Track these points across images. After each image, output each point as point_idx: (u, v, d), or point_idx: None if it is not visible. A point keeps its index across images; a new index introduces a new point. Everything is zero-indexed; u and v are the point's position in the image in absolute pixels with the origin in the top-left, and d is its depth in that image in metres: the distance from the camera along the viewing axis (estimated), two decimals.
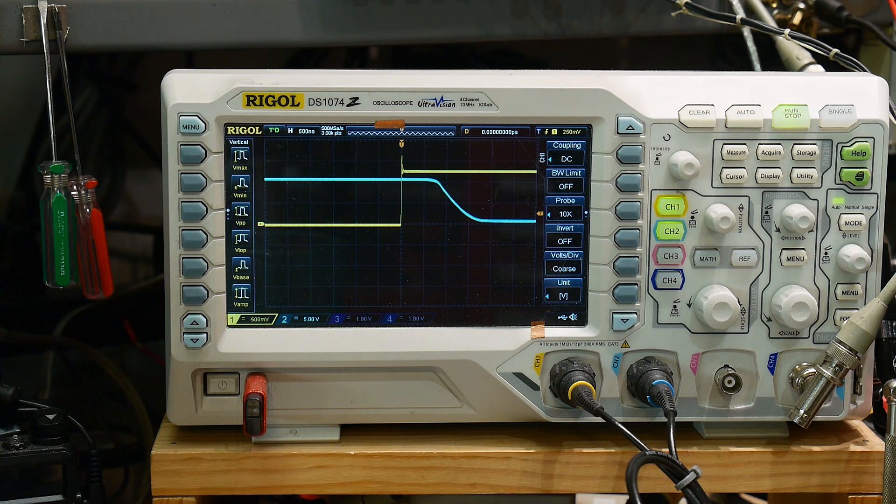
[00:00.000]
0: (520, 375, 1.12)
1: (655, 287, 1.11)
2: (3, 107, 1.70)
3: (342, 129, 1.09)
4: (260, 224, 1.10)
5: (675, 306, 1.11)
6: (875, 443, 1.14)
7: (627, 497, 1.03)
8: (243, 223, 1.10)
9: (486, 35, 1.26)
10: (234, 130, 1.08)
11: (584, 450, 1.12)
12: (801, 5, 1.32)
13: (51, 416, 1.12)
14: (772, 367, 1.13)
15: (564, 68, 1.13)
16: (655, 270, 1.11)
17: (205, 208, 1.08)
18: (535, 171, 1.11)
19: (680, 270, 1.11)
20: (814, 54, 1.21)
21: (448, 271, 1.11)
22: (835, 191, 1.11)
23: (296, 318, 1.11)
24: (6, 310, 1.63)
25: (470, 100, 1.09)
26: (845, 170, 1.11)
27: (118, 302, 1.60)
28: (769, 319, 1.12)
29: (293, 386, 1.11)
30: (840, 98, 1.10)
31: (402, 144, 1.10)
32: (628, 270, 1.10)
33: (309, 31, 1.22)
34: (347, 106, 1.08)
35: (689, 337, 1.12)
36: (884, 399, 1.10)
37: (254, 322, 1.11)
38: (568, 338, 1.12)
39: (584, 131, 1.10)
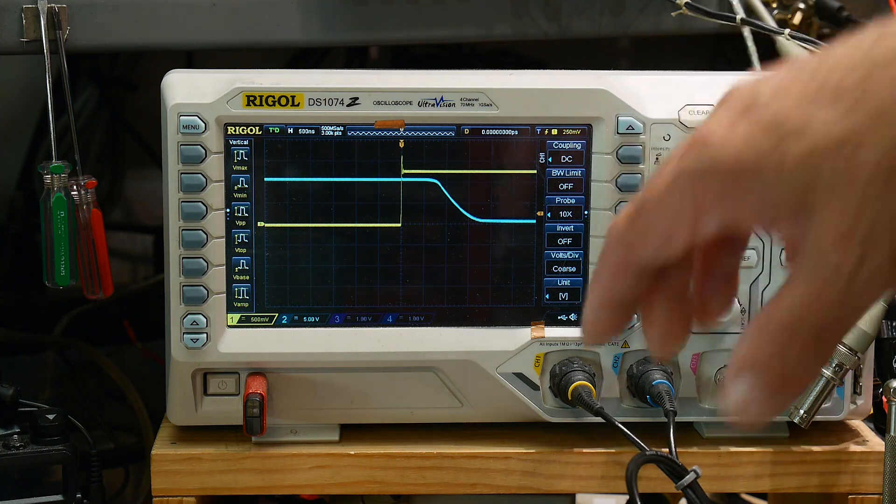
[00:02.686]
0: (520, 375, 1.12)
1: None
2: (3, 107, 1.70)
3: (342, 129, 1.09)
4: (260, 224, 1.10)
5: None
6: (875, 443, 1.14)
7: (627, 497, 1.03)
8: (243, 223, 1.10)
9: (486, 35, 1.26)
10: (234, 130, 1.08)
11: (584, 450, 1.12)
12: (801, 5, 1.32)
13: (51, 416, 1.12)
14: None
15: (564, 68, 1.13)
16: None
17: (205, 208, 1.08)
18: (535, 171, 1.11)
19: None
20: None
21: (448, 271, 1.11)
22: None
23: (296, 318, 1.11)
24: (6, 310, 1.63)
25: (470, 100, 1.09)
26: None
27: (118, 302, 1.60)
28: None
29: (293, 386, 1.11)
30: None
31: (402, 144, 1.10)
32: None
33: (309, 31, 1.22)
34: (347, 106, 1.08)
35: (689, 337, 1.11)
36: (884, 399, 1.10)
37: (254, 322, 1.11)
38: (568, 338, 1.12)
39: (584, 131, 1.10)
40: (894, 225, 0.66)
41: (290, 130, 1.09)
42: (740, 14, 1.22)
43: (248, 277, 1.10)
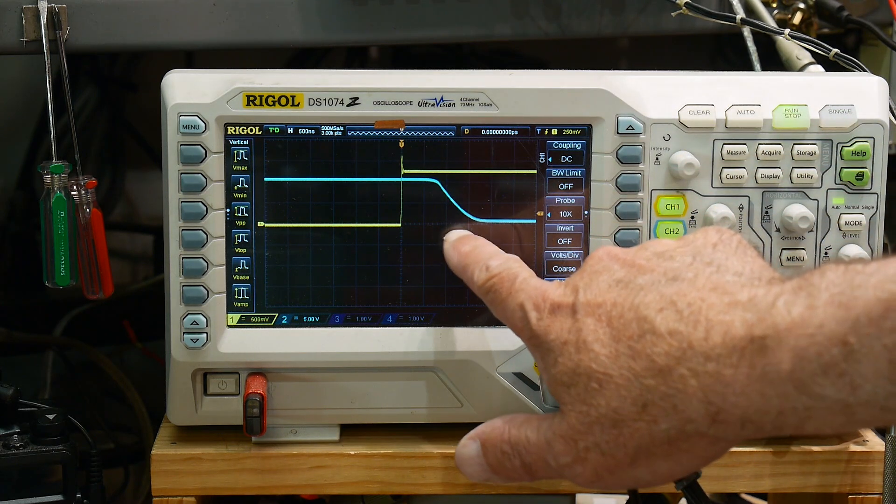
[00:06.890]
0: (520, 375, 1.12)
1: None
2: (3, 107, 1.70)
3: (342, 129, 1.09)
4: (260, 224, 1.10)
5: None
6: (875, 443, 1.14)
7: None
8: (243, 223, 1.10)
9: (486, 35, 1.26)
10: (234, 130, 1.08)
11: None
12: (801, 5, 1.32)
13: (51, 416, 1.12)
14: None
15: (564, 68, 1.13)
16: None
17: (205, 208, 1.08)
18: (535, 171, 1.11)
19: None
20: (814, 54, 1.21)
21: (448, 271, 1.11)
22: (835, 191, 1.11)
23: (296, 318, 1.11)
24: (6, 310, 1.63)
25: (470, 100, 1.09)
26: (845, 170, 1.11)
27: (118, 302, 1.60)
28: None
29: (293, 386, 1.11)
30: (840, 98, 1.10)
31: (402, 144, 1.10)
32: None
33: (309, 31, 1.22)
34: (347, 106, 1.08)
35: None
36: None
37: (254, 322, 1.11)
38: None
39: (584, 131, 1.10)
40: (603, 454, 0.88)
41: (290, 130, 1.09)
42: (740, 14, 1.22)
43: (248, 277, 1.10)
